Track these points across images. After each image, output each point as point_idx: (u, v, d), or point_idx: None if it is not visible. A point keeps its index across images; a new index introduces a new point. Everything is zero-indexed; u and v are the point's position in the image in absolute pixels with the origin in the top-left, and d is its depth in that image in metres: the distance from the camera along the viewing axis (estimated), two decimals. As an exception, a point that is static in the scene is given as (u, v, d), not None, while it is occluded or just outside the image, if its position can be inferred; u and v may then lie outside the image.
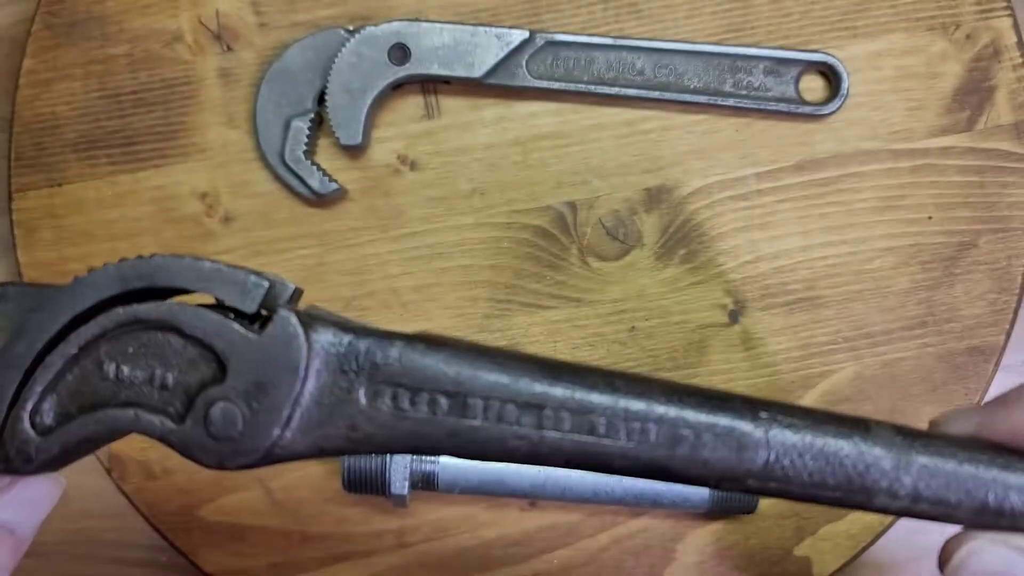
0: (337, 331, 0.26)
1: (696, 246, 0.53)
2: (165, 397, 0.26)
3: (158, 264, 0.26)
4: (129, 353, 0.26)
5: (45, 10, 0.54)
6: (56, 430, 0.26)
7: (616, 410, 0.26)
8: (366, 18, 0.54)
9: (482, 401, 0.26)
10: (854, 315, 0.52)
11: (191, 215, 0.53)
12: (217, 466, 0.26)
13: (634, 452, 0.26)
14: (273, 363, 0.26)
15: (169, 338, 0.26)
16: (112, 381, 0.26)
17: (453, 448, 0.26)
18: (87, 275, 0.26)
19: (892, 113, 0.53)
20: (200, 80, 0.54)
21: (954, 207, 0.53)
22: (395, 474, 0.48)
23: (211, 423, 0.26)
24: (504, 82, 0.52)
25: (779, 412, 0.26)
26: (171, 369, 0.26)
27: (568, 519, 0.52)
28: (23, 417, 0.26)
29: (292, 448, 0.26)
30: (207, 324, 0.26)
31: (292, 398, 0.26)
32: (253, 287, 0.26)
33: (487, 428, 0.26)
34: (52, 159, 0.54)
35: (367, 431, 0.26)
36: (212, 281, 0.26)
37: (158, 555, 0.55)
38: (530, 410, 0.26)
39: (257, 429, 0.26)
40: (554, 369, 0.26)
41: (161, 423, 0.26)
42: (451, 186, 0.53)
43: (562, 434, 0.26)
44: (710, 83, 0.52)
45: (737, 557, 0.52)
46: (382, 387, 0.26)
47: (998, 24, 0.53)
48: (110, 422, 0.26)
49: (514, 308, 0.53)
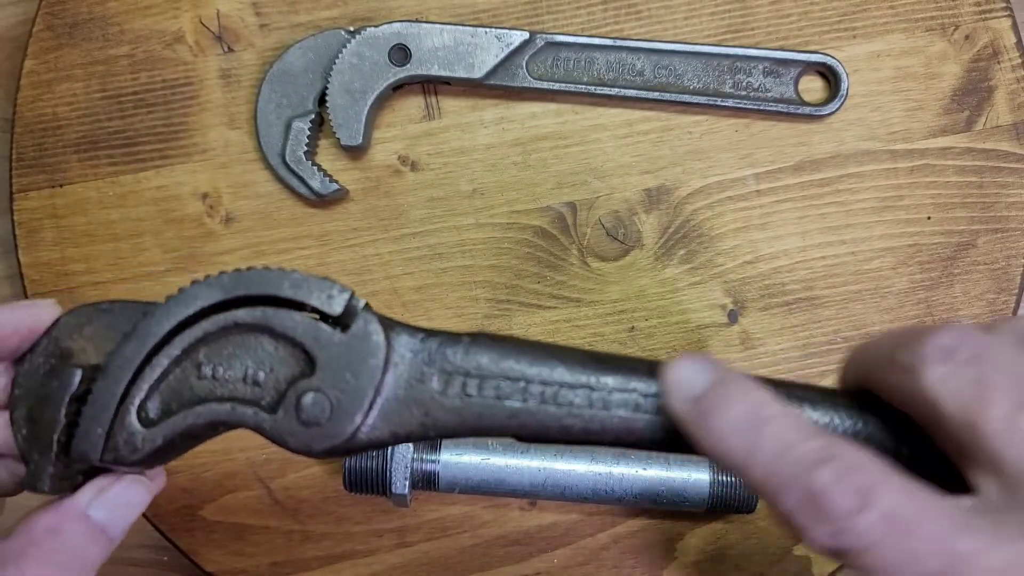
0: (411, 332, 0.30)
1: (695, 246, 0.53)
2: (257, 392, 0.30)
3: (255, 275, 0.29)
4: (225, 354, 0.30)
5: (46, 11, 0.54)
6: (159, 423, 0.29)
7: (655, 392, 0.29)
8: (367, 19, 0.54)
9: (541, 386, 0.29)
10: (853, 315, 0.52)
11: (192, 215, 0.53)
12: (305, 450, 0.29)
13: (671, 425, 0.28)
14: (357, 358, 0.29)
15: (262, 339, 0.30)
16: (209, 380, 0.30)
17: (516, 428, 0.29)
18: (190, 286, 0.29)
19: (891, 114, 0.53)
20: (201, 81, 0.54)
21: (953, 207, 0.53)
22: (396, 474, 0.48)
23: (302, 411, 0.29)
24: (504, 83, 0.52)
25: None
26: (263, 367, 0.30)
27: (568, 519, 0.52)
28: (131, 412, 0.29)
29: (372, 434, 0.29)
30: (298, 325, 0.29)
31: (374, 388, 0.29)
32: (338, 293, 0.30)
33: (546, 409, 0.29)
34: (53, 160, 0.54)
35: (438, 416, 0.29)
36: (303, 288, 0.29)
37: (159, 555, 0.56)
38: (582, 392, 0.29)
39: (343, 416, 0.29)
40: (602, 359, 0.30)
41: (255, 414, 0.29)
42: (451, 186, 0.53)
43: (610, 412, 0.29)
44: (710, 84, 0.52)
45: (737, 557, 0.52)
46: (453, 376, 0.29)
47: (997, 25, 0.53)
48: (208, 414, 0.29)
49: (514, 308, 0.53)
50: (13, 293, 0.58)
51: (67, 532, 0.29)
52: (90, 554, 0.30)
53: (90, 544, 0.30)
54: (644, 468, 0.49)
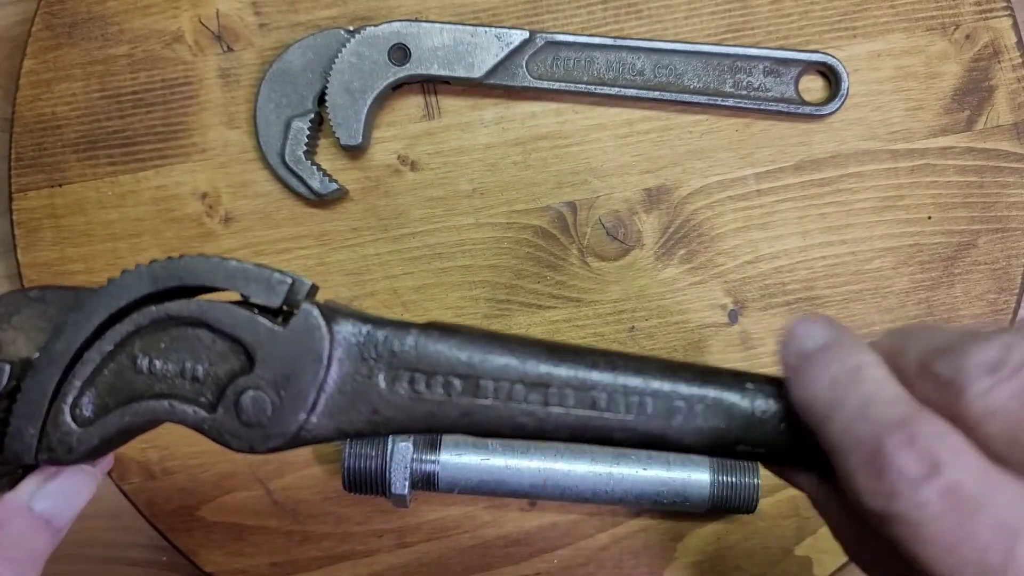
0: (356, 322, 0.28)
1: (696, 246, 0.53)
2: (197, 388, 0.28)
3: (187, 264, 0.28)
4: (161, 348, 0.28)
5: (46, 10, 0.54)
6: (95, 422, 0.28)
7: (616, 386, 0.28)
8: (366, 18, 0.54)
9: (492, 382, 0.28)
10: (854, 315, 0.52)
11: (192, 215, 0.53)
12: (248, 450, 0.28)
13: (632, 424, 0.28)
14: (298, 353, 0.28)
15: (199, 333, 0.28)
16: (146, 375, 0.28)
17: (467, 426, 0.28)
18: (120, 276, 0.28)
19: (891, 113, 0.53)
20: (200, 80, 0.54)
21: (953, 207, 0.53)
22: (395, 474, 0.48)
23: (242, 410, 0.28)
24: (504, 82, 0.52)
25: (763, 383, 0.28)
26: (201, 362, 0.28)
27: (568, 519, 0.52)
28: (64, 410, 0.28)
29: (317, 431, 0.28)
30: (235, 319, 0.28)
31: (317, 385, 0.28)
32: (277, 283, 0.28)
33: (498, 407, 0.28)
34: (53, 159, 0.54)
35: (387, 413, 0.28)
36: (238, 279, 0.28)
37: (158, 555, 0.55)
38: (537, 388, 0.28)
39: (285, 414, 0.28)
40: (558, 351, 0.28)
41: (194, 412, 0.28)
42: (451, 186, 0.53)
43: (566, 410, 0.28)
44: (710, 83, 0.52)
45: (737, 557, 0.52)
46: (400, 372, 0.28)
47: (998, 24, 0.53)
48: (146, 412, 0.28)
49: (514, 308, 0.53)
50: (12, 293, 0.58)
51: (10, 526, 0.29)
52: (36, 546, 0.29)
53: (35, 536, 0.29)
54: (644, 468, 0.49)
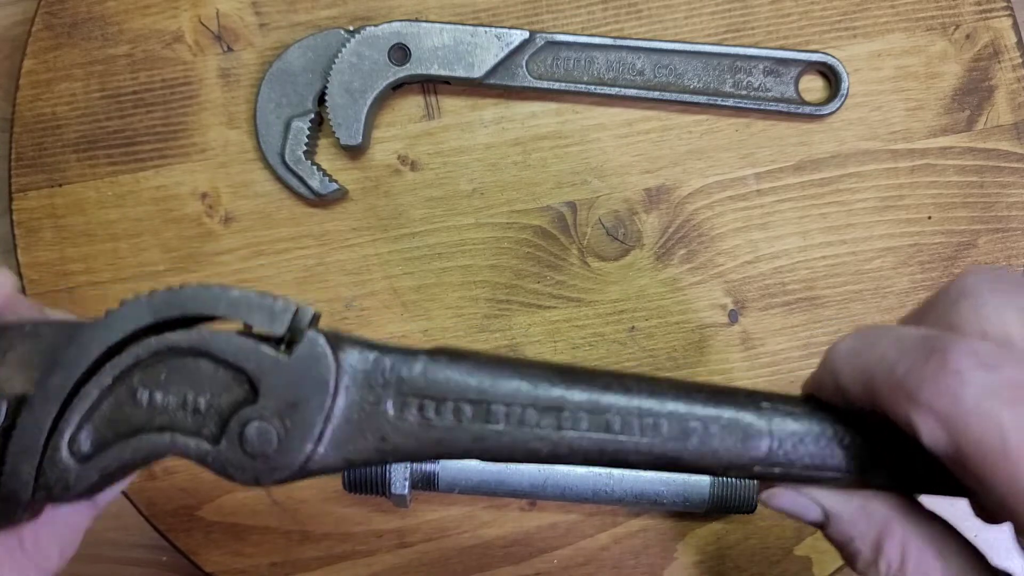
0: (362, 348, 0.27)
1: (696, 246, 0.53)
2: (199, 420, 0.27)
3: (188, 294, 0.27)
4: (162, 380, 0.27)
5: (45, 10, 0.54)
6: (94, 457, 0.27)
7: (630, 408, 0.27)
8: (366, 18, 0.54)
9: (504, 407, 0.27)
10: (854, 315, 0.52)
11: (192, 215, 0.53)
12: (253, 483, 0.27)
13: (647, 446, 0.27)
14: (304, 382, 0.27)
15: (200, 363, 0.27)
16: (146, 408, 0.27)
17: (479, 452, 0.27)
18: (119, 307, 0.27)
19: (891, 113, 0.53)
20: (200, 80, 0.54)
21: (953, 207, 0.53)
22: (395, 474, 0.48)
23: (246, 442, 0.27)
24: (504, 82, 0.52)
25: (779, 402, 0.28)
26: (203, 393, 0.27)
27: (568, 519, 0.52)
28: (61, 446, 0.27)
29: (324, 462, 0.27)
30: (238, 348, 0.27)
31: (323, 414, 0.27)
32: (281, 311, 0.27)
33: (510, 432, 0.27)
34: (53, 159, 0.54)
35: (396, 441, 0.27)
36: (241, 307, 0.27)
37: (158, 555, 0.56)
38: (550, 412, 0.27)
39: (291, 446, 0.27)
40: (569, 373, 0.28)
41: (197, 445, 0.27)
42: (451, 186, 0.53)
43: (580, 433, 0.27)
44: (710, 83, 0.52)
45: (737, 557, 0.52)
46: (409, 399, 0.27)
47: (998, 24, 0.53)
48: (146, 447, 0.27)
49: (514, 308, 0.53)
50: (12, 293, 0.58)
51: None
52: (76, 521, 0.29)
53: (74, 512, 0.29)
54: (644, 468, 0.49)
